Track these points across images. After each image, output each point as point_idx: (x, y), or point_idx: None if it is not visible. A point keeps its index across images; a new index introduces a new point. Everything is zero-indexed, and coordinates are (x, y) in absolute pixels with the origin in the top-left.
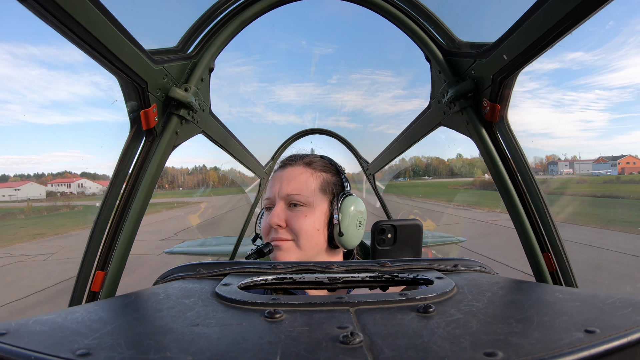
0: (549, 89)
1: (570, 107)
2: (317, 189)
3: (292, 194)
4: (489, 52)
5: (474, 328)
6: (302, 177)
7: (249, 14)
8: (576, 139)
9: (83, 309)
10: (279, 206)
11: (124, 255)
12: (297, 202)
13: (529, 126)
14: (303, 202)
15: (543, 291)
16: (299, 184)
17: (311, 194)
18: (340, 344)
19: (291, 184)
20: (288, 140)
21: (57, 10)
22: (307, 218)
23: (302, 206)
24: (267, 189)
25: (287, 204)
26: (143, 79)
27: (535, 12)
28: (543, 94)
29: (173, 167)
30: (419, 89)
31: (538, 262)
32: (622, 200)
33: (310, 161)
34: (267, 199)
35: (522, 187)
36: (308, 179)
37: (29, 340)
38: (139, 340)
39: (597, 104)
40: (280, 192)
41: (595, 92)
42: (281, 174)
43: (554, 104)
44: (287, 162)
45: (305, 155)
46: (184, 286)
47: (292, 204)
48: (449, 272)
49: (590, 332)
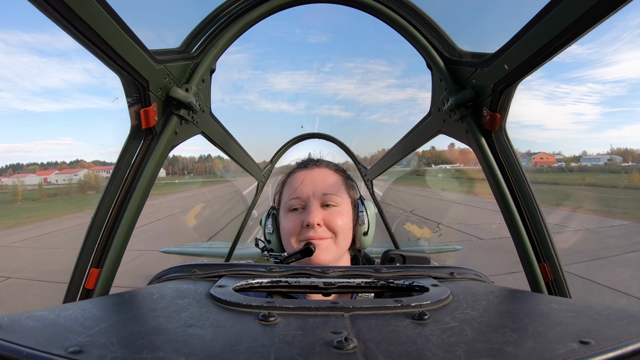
0: (541, 81)
1: (563, 100)
2: (345, 191)
3: (328, 193)
4: (490, 61)
5: (469, 336)
6: (333, 178)
7: (252, 16)
8: (568, 132)
9: (77, 306)
10: (315, 206)
11: (120, 253)
12: (331, 202)
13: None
14: (337, 202)
15: (538, 301)
16: (332, 185)
17: (342, 195)
18: (334, 349)
19: (325, 184)
20: (287, 144)
21: (60, 5)
22: (343, 217)
23: (335, 206)
24: (292, 190)
25: (321, 204)
26: (144, 78)
27: (537, 24)
28: (536, 85)
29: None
30: (412, 79)
31: (534, 272)
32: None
33: (333, 165)
34: (296, 199)
35: (519, 197)
36: (337, 181)
37: (21, 335)
38: (132, 340)
39: (590, 97)
40: (316, 191)
41: (589, 85)
42: (310, 174)
43: (546, 96)
44: (310, 163)
45: (322, 159)
46: (179, 287)
47: (326, 204)
48: (445, 280)
49: (585, 343)
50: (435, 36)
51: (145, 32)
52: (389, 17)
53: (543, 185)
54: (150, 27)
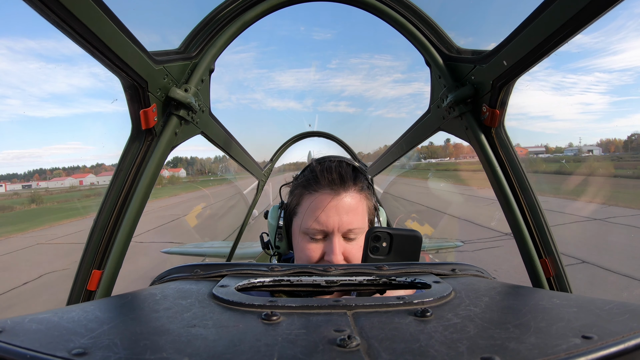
0: (548, 71)
1: (570, 90)
2: (366, 213)
3: (353, 228)
4: (489, 57)
5: (471, 333)
6: (360, 208)
7: (250, 16)
8: (576, 122)
9: (79, 308)
10: (338, 241)
11: (121, 255)
12: (353, 236)
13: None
14: (357, 233)
15: (540, 297)
16: (358, 216)
17: (366, 222)
18: (337, 347)
19: (350, 216)
20: (287, 143)
21: (57, 7)
22: (360, 247)
23: (356, 238)
24: (314, 215)
25: (343, 235)
26: (143, 79)
27: (536, 19)
28: (543, 76)
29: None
30: (418, 73)
31: (535, 268)
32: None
33: (359, 184)
34: (319, 230)
35: (520, 193)
36: (363, 208)
37: (24, 338)
38: (135, 341)
39: (597, 86)
40: (342, 226)
41: (595, 74)
42: (337, 203)
43: (553, 87)
44: (336, 184)
45: (350, 172)
46: (181, 287)
47: (348, 238)
48: (447, 277)
49: (587, 338)
50: (434, 33)
51: (144, 34)
52: (386, 14)
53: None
54: (149, 29)
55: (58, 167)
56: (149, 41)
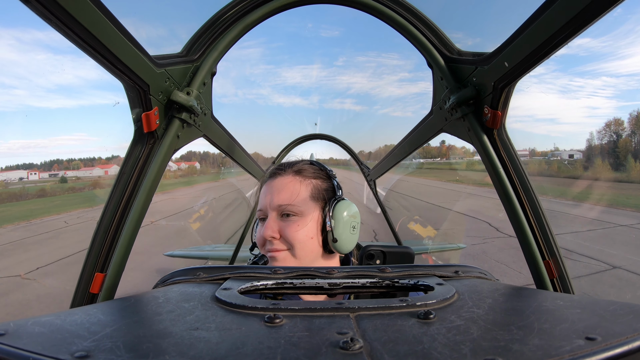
0: (555, 74)
1: (577, 94)
2: (308, 197)
3: (283, 204)
4: (490, 59)
5: (475, 335)
6: (292, 186)
7: (252, 19)
8: (582, 126)
9: (82, 311)
10: (271, 218)
11: (124, 258)
12: (289, 212)
13: (535, 111)
14: (295, 211)
15: (543, 298)
16: (290, 194)
17: (302, 202)
18: (340, 349)
19: (282, 194)
20: (289, 146)
21: (58, 10)
22: (299, 227)
23: (295, 215)
24: (259, 200)
25: (280, 214)
26: (145, 82)
27: (537, 20)
28: (549, 79)
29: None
30: (424, 72)
31: (539, 269)
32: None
33: (299, 169)
34: (259, 210)
35: (523, 195)
36: (298, 187)
37: (27, 341)
38: (138, 344)
39: (604, 90)
40: (272, 203)
41: (602, 79)
42: (271, 184)
43: (560, 90)
44: (276, 171)
45: (294, 163)
46: (184, 290)
47: (285, 214)
48: (450, 279)
49: (591, 339)
50: (435, 35)
51: (145, 39)
52: (388, 16)
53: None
54: (151, 33)
55: (74, 158)
56: (150, 46)
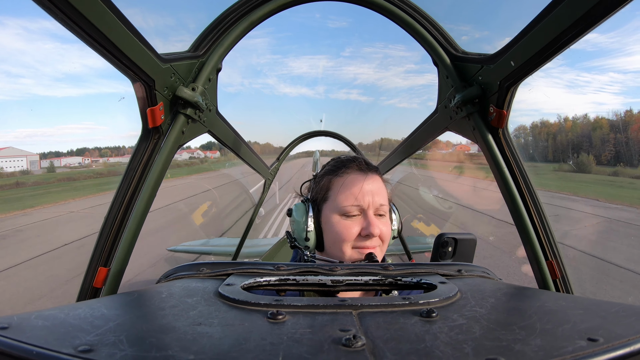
0: (562, 69)
1: (584, 89)
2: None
3: (383, 204)
4: (496, 58)
5: (477, 334)
6: (383, 190)
7: (257, 15)
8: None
9: (86, 305)
10: (372, 216)
11: (128, 253)
12: (383, 212)
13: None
14: (386, 212)
15: (546, 298)
16: (384, 195)
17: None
18: (342, 346)
19: (379, 195)
20: (295, 142)
21: (64, 5)
22: (389, 226)
23: (384, 216)
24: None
25: (375, 213)
26: (150, 77)
27: (543, 20)
28: (556, 73)
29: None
30: (431, 64)
31: (542, 269)
32: None
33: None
34: (355, 206)
35: (526, 195)
36: (385, 188)
37: (30, 335)
38: (141, 338)
39: (611, 86)
40: (374, 202)
41: (610, 74)
42: (368, 181)
43: (567, 85)
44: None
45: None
46: (187, 285)
47: (379, 214)
48: (453, 277)
49: (593, 340)
50: (441, 33)
51: (154, 36)
52: (394, 14)
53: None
54: (159, 31)
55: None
56: (158, 43)
